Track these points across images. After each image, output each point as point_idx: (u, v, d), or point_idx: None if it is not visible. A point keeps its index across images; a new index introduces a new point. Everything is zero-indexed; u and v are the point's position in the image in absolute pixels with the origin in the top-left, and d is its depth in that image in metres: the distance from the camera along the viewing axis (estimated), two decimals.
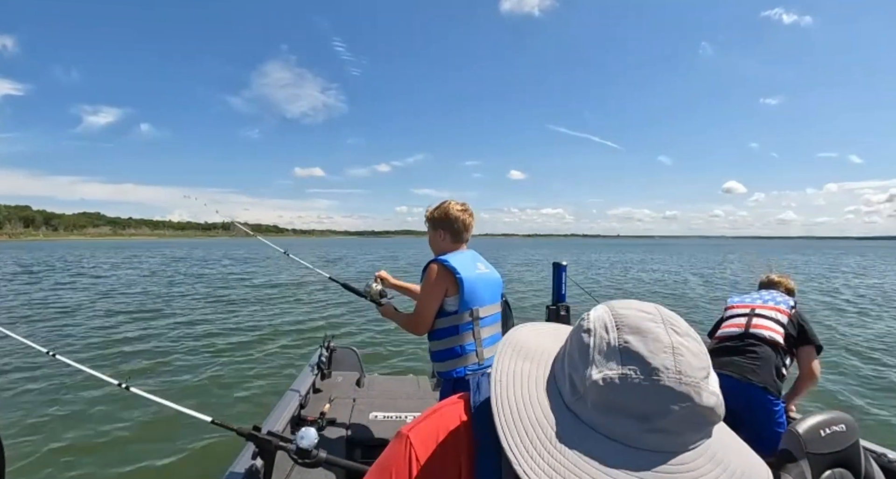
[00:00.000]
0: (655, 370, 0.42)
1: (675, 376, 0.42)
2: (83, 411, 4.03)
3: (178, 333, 7.17)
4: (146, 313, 8.75)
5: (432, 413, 0.60)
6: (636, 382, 0.42)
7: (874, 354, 6.86)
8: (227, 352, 6.13)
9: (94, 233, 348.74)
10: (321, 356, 3.22)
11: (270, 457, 1.74)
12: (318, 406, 2.67)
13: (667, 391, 0.41)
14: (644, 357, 0.43)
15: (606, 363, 0.44)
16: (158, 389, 4.50)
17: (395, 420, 2.59)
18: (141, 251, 43.43)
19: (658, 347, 0.43)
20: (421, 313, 1.91)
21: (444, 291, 1.87)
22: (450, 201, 2.00)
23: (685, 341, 0.45)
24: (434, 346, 1.96)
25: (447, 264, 1.86)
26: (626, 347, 0.44)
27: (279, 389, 4.14)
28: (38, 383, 4.63)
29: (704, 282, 17.86)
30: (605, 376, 0.43)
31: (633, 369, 0.42)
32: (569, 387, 0.47)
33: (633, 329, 0.45)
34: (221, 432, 1.79)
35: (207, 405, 4.18)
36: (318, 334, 6.61)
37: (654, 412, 0.41)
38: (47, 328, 7.41)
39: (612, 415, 0.43)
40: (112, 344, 6.36)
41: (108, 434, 3.65)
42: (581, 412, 0.45)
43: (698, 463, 0.42)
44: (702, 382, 0.43)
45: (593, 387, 0.44)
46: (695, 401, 0.42)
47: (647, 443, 0.42)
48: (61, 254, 36.80)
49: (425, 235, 2.08)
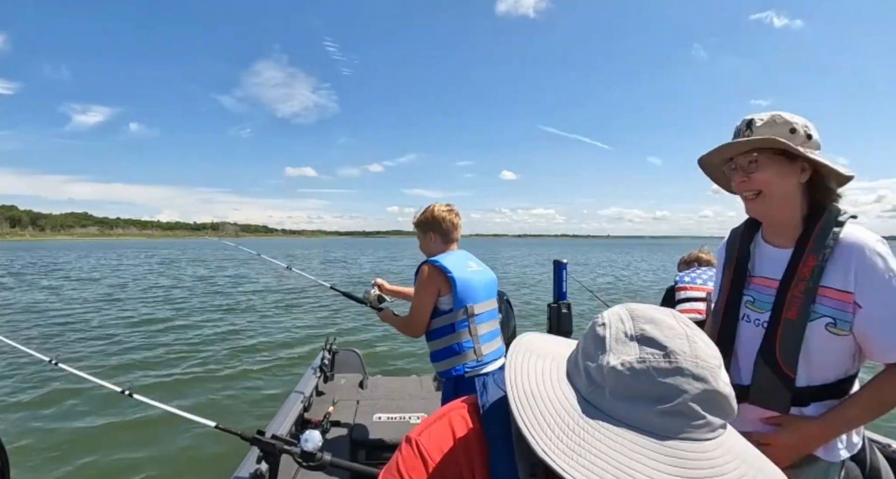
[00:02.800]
0: (673, 352, 0.44)
1: (691, 358, 0.44)
2: (86, 418, 4.00)
3: (178, 338, 7.07)
4: (144, 318, 8.59)
5: (439, 419, 0.61)
6: (654, 364, 0.44)
7: None
8: (229, 356, 6.09)
9: (82, 233, 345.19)
10: (324, 359, 3.22)
11: (275, 461, 1.74)
12: (321, 409, 2.67)
13: (684, 372, 0.43)
14: (661, 341, 0.45)
15: (624, 350, 0.46)
16: (161, 395, 4.48)
17: (398, 421, 2.59)
18: (137, 251, 42.95)
19: (673, 333, 0.46)
20: (415, 313, 1.93)
21: (437, 290, 1.89)
22: (434, 204, 2.03)
23: (697, 333, 0.47)
24: (432, 346, 1.97)
25: (437, 264, 1.88)
26: (643, 333, 0.46)
27: (282, 392, 4.12)
28: (40, 391, 4.57)
29: None
30: (623, 361, 0.45)
31: (651, 353, 0.44)
32: (585, 379, 0.48)
33: (649, 319, 0.48)
34: (225, 436, 1.78)
35: (211, 410, 4.17)
36: (321, 337, 6.61)
37: (672, 392, 0.43)
38: (45, 335, 7.22)
39: (630, 401, 0.44)
40: (112, 350, 6.27)
41: (112, 441, 3.63)
42: (599, 401, 0.46)
43: (717, 453, 0.42)
44: (716, 369, 0.44)
45: (611, 373, 0.45)
46: (711, 384, 0.43)
47: (665, 428, 0.43)
48: (51, 256, 36.18)
49: (416, 236, 2.08)
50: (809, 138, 1.03)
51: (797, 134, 1.02)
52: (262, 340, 7.09)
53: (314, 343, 6.64)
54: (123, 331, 7.46)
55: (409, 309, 2.05)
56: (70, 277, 17.80)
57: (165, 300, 10.92)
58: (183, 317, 8.96)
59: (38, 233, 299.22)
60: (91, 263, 26.85)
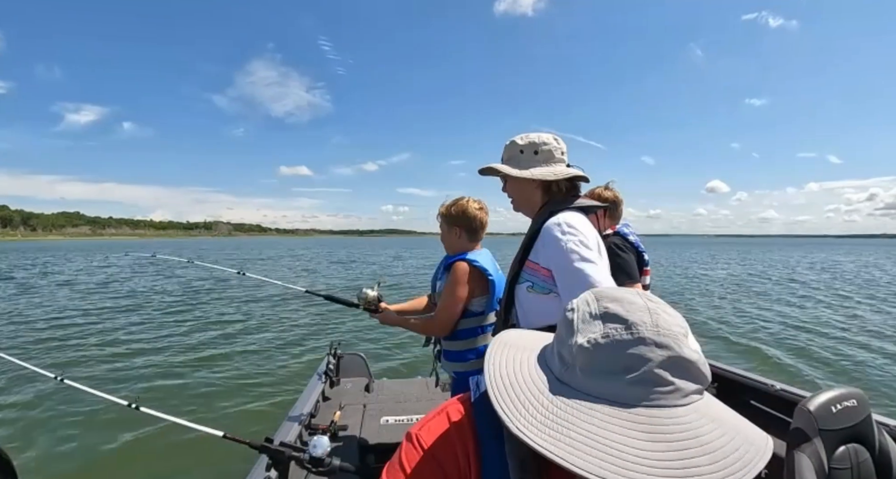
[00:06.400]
0: (634, 324, 0.46)
1: (652, 328, 0.46)
2: (93, 432, 3.96)
3: (180, 347, 6.97)
4: (144, 328, 8.44)
5: (437, 414, 0.64)
6: (617, 337, 0.46)
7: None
8: (234, 365, 6.04)
9: (74, 233, 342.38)
10: (328, 364, 3.21)
11: (284, 468, 1.74)
12: (328, 414, 2.66)
13: (646, 341, 0.45)
14: (622, 316, 0.47)
15: (589, 329, 0.48)
16: (167, 406, 4.45)
17: (406, 424, 2.59)
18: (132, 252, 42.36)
19: (635, 307, 0.48)
20: (447, 312, 1.84)
21: (473, 291, 1.84)
22: (467, 199, 1.96)
23: (661, 307, 0.50)
24: (452, 346, 1.91)
25: (477, 265, 1.84)
26: (606, 311, 0.49)
27: (288, 399, 4.12)
28: (44, 406, 4.52)
29: (701, 282, 18.10)
30: (588, 339, 0.47)
31: (614, 328, 0.47)
32: (558, 361, 0.51)
33: (612, 299, 0.50)
34: (234, 446, 1.77)
35: (218, 420, 4.14)
36: (324, 342, 6.59)
37: (636, 362, 0.44)
38: (44, 348, 7.03)
39: (600, 375, 0.46)
40: (114, 362, 6.17)
41: (119, 455, 3.61)
42: (571, 380, 0.48)
43: (692, 418, 0.44)
44: (680, 336, 0.46)
45: (580, 352, 0.47)
46: (675, 350, 0.45)
47: (635, 396, 0.44)
48: (44, 257, 35.71)
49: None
50: (536, 153, 1.36)
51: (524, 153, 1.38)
52: (266, 347, 7.04)
53: (319, 349, 6.63)
54: (122, 340, 7.35)
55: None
56: (64, 281, 17.48)
57: (160, 308, 10.77)
58: (179, 324, 8.88)
59: (30, 233, 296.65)
60: (80, 265, 26.46)
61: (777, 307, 10.88)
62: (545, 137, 1.37)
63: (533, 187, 1.38)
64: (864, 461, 1.44)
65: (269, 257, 39.30)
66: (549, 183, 1.36)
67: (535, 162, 1.35)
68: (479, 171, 1.45)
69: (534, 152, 1.35)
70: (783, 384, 2.39)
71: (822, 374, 5.78)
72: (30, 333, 8.04)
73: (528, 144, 1.36)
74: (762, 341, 7.38)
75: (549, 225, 1.27)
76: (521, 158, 1.37)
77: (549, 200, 1.38)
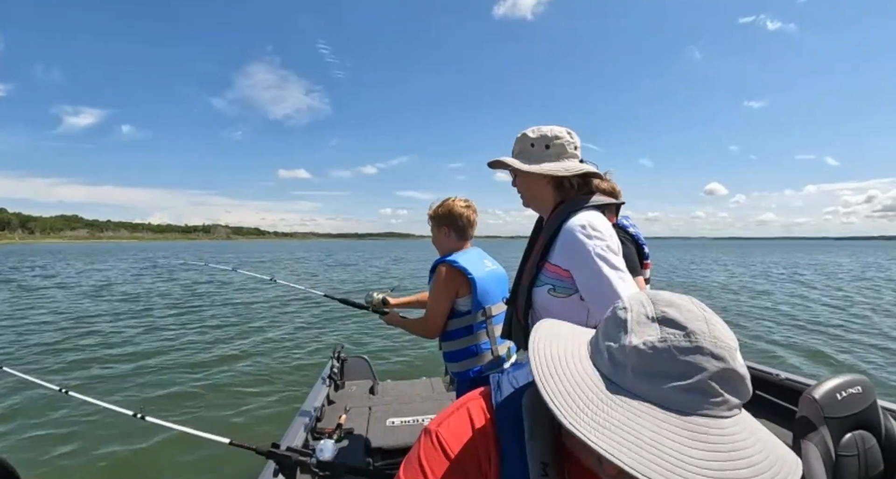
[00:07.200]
0: (693, 333, 0.46)
1: (710, 338, 0.46)
2: (99, 443, 3.92)
3: (184, 354, 6.89)
4: (146, 336, 8.29)
5: (457, 409, 0.62)
6: (675, 343, 0.46)
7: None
8: (237, 370, 6.01)
9: (72, 236, 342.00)
10: (333, 367, 3.22)
11: (292, 473, 1.75)
12: (334, 418, 2.66)
13: (703, 350, 0.45)
14: (681, 322, 0.47)
15: (645, 331, 0.48)
16: (172, 414, 4.40)
17: (412, 425, 2.59)
18: (127, 255, 42.31)
19: (692, 316, 0.48)
20: (432, 316, 1.87)
21: (455, 292, 1.84)
22: (453, 198, 1.98)
23: (715, 318, 0.49)
24: (448, 346, 1.93)
25: (456, 265, 1.83)
26: (664, 315, 0.48)
27: (294, 404, 4.10)
28: (49, 418, 4.48)
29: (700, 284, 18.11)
30: (645, 341, 0.47)
31: (672, 333, 0.46)
32: (607, 359, 0.50)
33: (669, 303, 0.50)
34: (241, 452, 1.77)
35: (224, 427, 4.10)
36: (328, 346, 6.56)
37: (691, 370, 0.44)
38: (47, 355, 6.92)
39: (652, 378, 0.46)
40: (118, 371, 6.09)
41: (127, 465, 3.57)
42: (621, 380, 0.48)
43: (736, 430, 0.44)
44: (734, 350, 0.47)
45: (633, 353, 0.47)
46: (729, 363, 0.45)
47: (686, 403, 0.44)
48: (43, 261, 35.57)
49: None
50: (547, 148, 1.31)
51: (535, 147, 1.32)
52: (269, 352, 7.00)
53: (322, 353, 6.60)
54: (126, 351, 7.19)
55: (420, 313, 2.02)
56: (63, 285, 17.34)
57: (162, 315, 10.65)
58: (181, 328, 8.83)
59: (28, 236, 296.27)
60: (80, 268, 26.34)
61: (779, 306, 10.93)
62: (558, 131, 1.32)
63: (543, 183, 1.33)
64: (871, 448, 1.44)
65: (271, 259, 39.39)
66: (561, 179, 1.31)
67: (546, 157, 1.30)
68: (489, 163, 1.39)
69: (545, 146, 1.30)
70: (788, 373, 2.38)
71: (825, 367, 5.85)
72: (31, 338, 7.98)
73: (540, 138, 1.30)
74: (765, 339, 7.41)
75: (572, 227, 1.21)
76: (531, 152, 1.31)
77: (564, 199, 1.33)
